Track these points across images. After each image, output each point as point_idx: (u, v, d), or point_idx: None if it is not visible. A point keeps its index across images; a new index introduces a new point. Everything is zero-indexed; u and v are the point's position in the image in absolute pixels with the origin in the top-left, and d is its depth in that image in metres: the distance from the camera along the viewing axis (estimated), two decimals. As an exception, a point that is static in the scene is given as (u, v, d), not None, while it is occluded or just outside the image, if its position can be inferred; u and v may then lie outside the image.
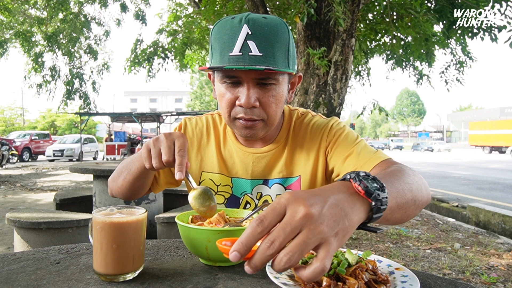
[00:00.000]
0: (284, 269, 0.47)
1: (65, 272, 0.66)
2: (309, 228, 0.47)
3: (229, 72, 0.87)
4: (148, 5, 9.21)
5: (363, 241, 4.01)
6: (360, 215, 0.53)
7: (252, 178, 1.04)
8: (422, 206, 0.76)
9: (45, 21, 8.65)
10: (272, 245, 0.47)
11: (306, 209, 0.47)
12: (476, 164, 17.97)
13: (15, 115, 36.53)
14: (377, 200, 0.54)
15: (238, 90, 0.89)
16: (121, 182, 0.99)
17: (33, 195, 7.28)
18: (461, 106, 75.72)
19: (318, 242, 0.47)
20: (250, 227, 0.49)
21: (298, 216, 0.47)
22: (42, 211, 3.12)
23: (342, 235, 0.50)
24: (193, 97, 34.48)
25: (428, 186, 0.80)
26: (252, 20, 0.84)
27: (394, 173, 0.73)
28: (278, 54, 0.85)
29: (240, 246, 0.48)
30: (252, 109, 0.89)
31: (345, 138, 1.00)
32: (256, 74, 0.86)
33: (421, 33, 5.08)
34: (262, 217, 0.49)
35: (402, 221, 0.74)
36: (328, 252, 0.47)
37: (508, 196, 7.64)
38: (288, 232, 0.47)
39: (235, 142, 1.07)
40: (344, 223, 0.50)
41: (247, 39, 0.83)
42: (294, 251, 0.46)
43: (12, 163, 15.71)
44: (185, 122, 1.15)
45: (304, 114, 1.09)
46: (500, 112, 55.29)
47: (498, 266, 3.20)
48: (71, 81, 9.50)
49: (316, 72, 4.05)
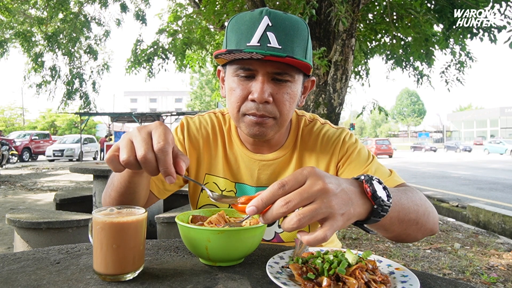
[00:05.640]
0: (292, 229, 0.52)
1: (65, 272, 0.66)
2: (323, 200, 0.53)
3: (245, 64, 0.84)
4: (148, 5, 9.20)
5: (363, 241, 4.01)
6: (361, 211, 0.58)
7: (258, 186, 1.00)
8: (426, 231, 0.80)
9: (45, 21, 8.64)
10: (287, 204, 0.52)
11: (324, 184, 0.53)
12: (476, 164, 17.96)
13: (15, 115, 36.51)
14: (380, 205, 0.59)
15: (251, 85, 0.85)
16: (108, 200, 0.88)
17: (33, 195, 7.28)
18: (461, 106, 75.70)
19: (327, 215, 0.53)
20: (271, 188, 0.54)
21: (316, 188, 0.53)
22: (42, 211, 3.11)
23: (346, 218, 0.55)
24: (193, 97, 34.46)
25: (437, 218, 0.83)
26: (273, 13, 0.82)
27: (405, 192, 0.76)
28: (297, 49, 0.82)
29: (259, 202, 0.54)
30: (265, 105, 0.85)
31: (358, 155, 0.97)
32: (273, 67, 0.82)
33: (421, 33, 5.08)
34: (285, 181, 0.54)
35: (401, 238, 0.78)
36: (332, 226, 0.53)
37: (508, 196, 7.63)
38: (304, 198, 0.52)
39: (241, 147, 1.01)
40: (350, 210, 0.56)
41: (267, 31, 0.80)
42: (306, 215, 0.52)
43: (12, 163, 15.72)
44: (186, 121, 1.06)
45: (313, 121, 1.05)
46: (500, 112, 55.27)
47: (498, 266, 3.20)
48: (71, 81, 9.50)
49: (316, 72, 4.05)
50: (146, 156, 0.61)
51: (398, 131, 74.32)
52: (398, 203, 0.68)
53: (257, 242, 0.71)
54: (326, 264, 0.60)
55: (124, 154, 0.62)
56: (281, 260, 0.69)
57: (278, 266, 0.66)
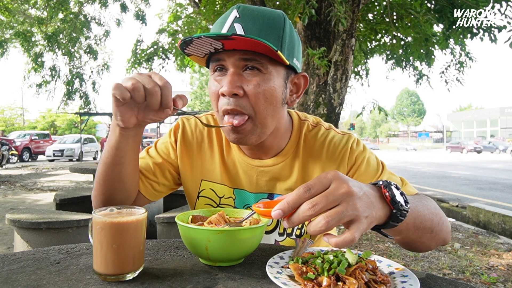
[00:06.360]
0: (320, 231, 0.53)
1: (65, 272, 0.66)
2: (348, 203, 0.53)
3: (214, 55, 0.83)
4: (148, 5, 9.20)
5: (363, 241, 4.01)
6: (381, 214, 0.59)
7: (256, 192, 0.97)
8: (439, 241, 0.80)
9: (45, 21, 8.63)
10: (313, 207, 0.53)
11: (348, 187, 0.54)
12: (476, 164, 17.96)
13: (15, 115, 36.52)
14: (398, 209, 0.60)
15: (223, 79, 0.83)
16: (97, 180, 0.86)
17: (33, 195, 7.28)
18: (461, 106, 75.72)
19: (352, 218, 0.54)
20: (297, 191, 0.55)
21: (341, 191, 0.54)
22: (42, 211, 3.11)
23: (370, 221, 0.56)
24: (193, 97, 34.47)
25: (449, 228, 0.85)
26: (243, 7, 0.82)
27: (421, 200, 0.77)
28: (267, 38, 0.79)
29: (285, 205, 0.54)
30: (236, 99, 0.80)
31: (367, 165, 0.93)
32: (240, 54, 0.79)
33: (421, 33, 5.08)
34: (310, 185, 0.55)
35: (416, 245, 0.78)
36: (359, 228, 0.53)
37: (508, 196, 7.63)
38: (330, 200, 0.53)
39: (238, 152, 0.97)
40: (372, 213, 0.56)
41: (234, 22, 0.80)
42: (333, 217, 0.52)
43: (12, 163, 15.71)
44: (182, 122, 1.03)
45: (317, 126, 0.99)
46: (500, 112, 55.28)
47: (498, 266, 3.20)
48: (71, 81, 9.49)
49: (316, 72, 4.05)
50: (154, 88, 0.68)
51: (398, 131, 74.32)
52: (415, 210, 0.69)
53: (257, 242, 0.71)
54: (326, 264, 0.60)
55: (132, 81, 0.68)
56: (281, 260, 0.69)
57: (278, 266, 0.66)
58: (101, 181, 0.86)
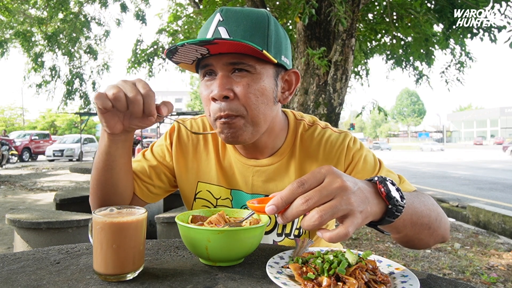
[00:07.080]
0: (313, 226, 0.53)
1: (65, 272, 0.66)
2: (342, 197, 0.53)
3: (202, 61, 0.83)
4: (148, 5, 9.20)
5: (363, 241, 4.01)
6: (377, 210, 0.59)
7: (253, 192, 0.96)
8: (437, 237, 0.80)
9: (45, 21, 8.63)
10: (306, 202, 0.52)
11: (342, 181, 0.54)
12: (476, 164, 17.96)
13: (15, 115, 36.53)
14: (394, 205, 0.60)
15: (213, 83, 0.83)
16: (91, 183, 0.88)
17: (33, 195, 7.28)
18: (461, 106, 75.77)
19: (347, 212, 0.53)
20: (291, 186, 0.54)
21: (334, 185, 0.53)
22: (42, 211, 3.11)
23: (364, 216, 0.55)
24: (193, 97, 34.49)
25: (448, 225, 0.84)
26: (226, 9, 0.81)
27: (418, 197, 0.76)
28: (252, 39, 0.79)
29: (278, 201, 0.54)
30: (228, 103, 0.80)
31: (364, 163, 0.92)
32: (227, 58, 0.80)
33: (421, 33, 5.08)
34: (303, 180, 0.54)
35: (414, 242, 0.78)
36: (353, 222, 0.53)
37: (508, 196, 7.64)
38: (324, 195, 0.53)
39: (234, 152, 0.97)
40: (367, 208, 0.56)
41: (218, 26, 0.80)
42: (327, 211, 0.52)
43: (12, 163, 15.72)
44: (178, 125, 1.03)
45: (313, 126, 0.98)
46: (500, 112, 55.30)
47: (498, 266, 3.20)
48: (71, 81, 9.49)
49: (316, 72, 4.05)
50: (135, 97, 0.67)
51: (398, 131, 74.35)
52: (411, 206, 0.69)
53: (257, 242, 0.71)
54: (326, 264, 0.60)
55: (114, 90, 0.67)
56: (281, 260, 0.69)
57: (278, 266, 0.66)
58: (94, 185, 0.88)
